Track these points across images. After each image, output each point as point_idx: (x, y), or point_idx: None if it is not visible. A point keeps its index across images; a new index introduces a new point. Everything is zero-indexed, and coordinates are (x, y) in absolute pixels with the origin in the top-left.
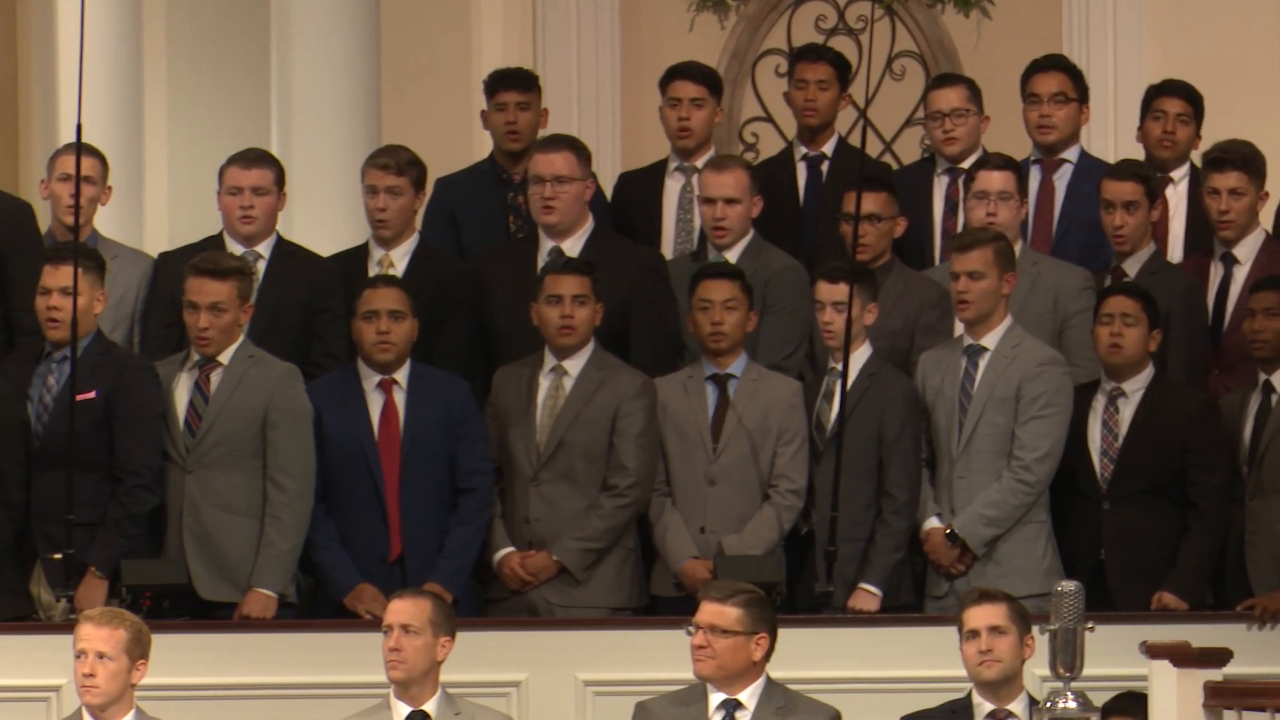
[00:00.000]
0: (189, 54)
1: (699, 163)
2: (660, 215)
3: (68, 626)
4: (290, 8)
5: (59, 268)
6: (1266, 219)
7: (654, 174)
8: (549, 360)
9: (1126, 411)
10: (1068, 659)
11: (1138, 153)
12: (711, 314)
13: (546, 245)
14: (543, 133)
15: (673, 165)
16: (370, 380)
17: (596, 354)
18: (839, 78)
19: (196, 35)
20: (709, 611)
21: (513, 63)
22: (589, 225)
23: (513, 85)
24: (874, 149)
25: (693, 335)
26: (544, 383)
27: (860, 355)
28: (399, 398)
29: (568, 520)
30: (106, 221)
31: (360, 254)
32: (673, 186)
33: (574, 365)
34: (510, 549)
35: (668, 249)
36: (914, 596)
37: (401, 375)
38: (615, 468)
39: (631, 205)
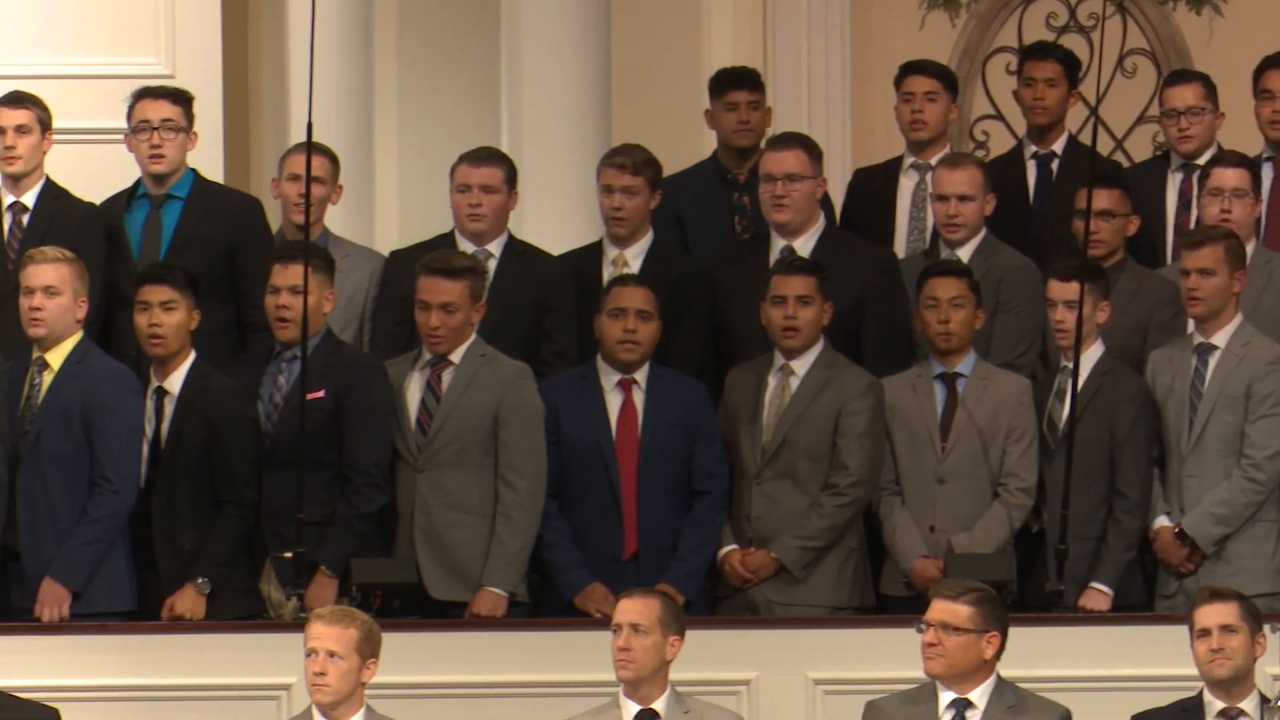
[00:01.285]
0: (420, 52)
1: (933, 160)
2: (894, 212)
3: (298, 625)
4: (521, 7)
5: (288, 266)
6: None
7: (888, 171)
8: (777, 360)
9: None
10: None
11: None
12: (939, 312)
13: (778, 244)
14: (768, 132)
15: (907, 163)
16: (610, 379)
17: (824, 353)
18: (1067, 75)
19: (427, 34)
20: (941, 609)
21: (743, 62)
22: (820, 224)
23: (744, 84)
24: (1105, 147)
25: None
26: (771, 382)
27: (1092, 354)
28: (638, 398)
29: (788, 519)
30: (337, 220)
31: (594, 253)
32: (906, 184)
33: (801, 365)
34: (732, 546)
35: (900, 247)
36: (1144, 595)
37: (641, 375)
38: (837, 467)
39: (866, 202)
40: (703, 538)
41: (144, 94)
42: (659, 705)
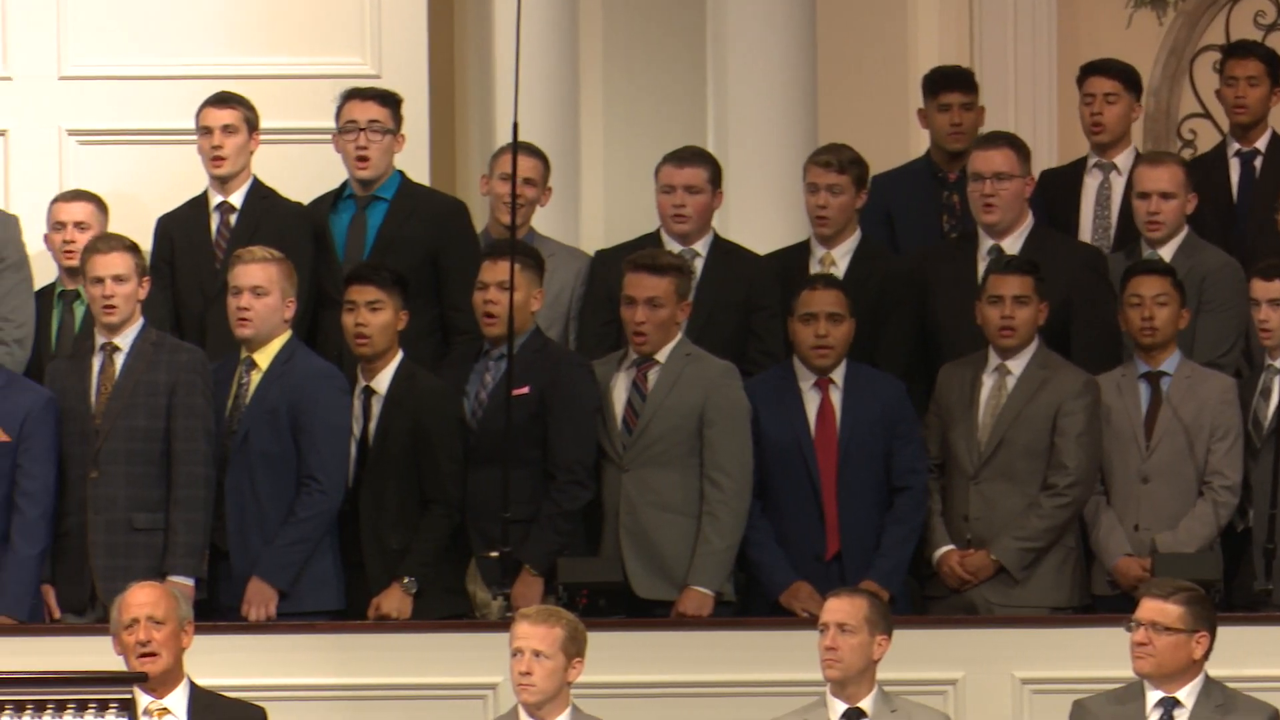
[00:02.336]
0: (625, 52)
1: (1117, 160)
2: (1078, 211)
3: (504, 625)
4: (727, 6)
5: (497, 263)
6: None
7: (1074, 171)
8: (993, 359)
9: None
10: None
11: None
12: (1143, 310)
13: (986, 243)
14: (980, 131)
15: (1091, 162)
16: (807, 379)
17: (1040, 352)
18: (1270, 74)
19: (633, 33)
20: (1150, 609)
21: (949, 60)
22: (1029, 223)
23: (958, 85)
24: None
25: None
26: (987, 381)
27: None
28: (835, 397)
29: (1006, 519)
30: (543, 219)
31: (801, 252)
32: (1090, 183)
33: (1016, 364)
34: (950, 547)
35: None
36: None
37: (838, 374)
38: (1055, 467)
39: (1052, 201)
40: (904, 534)
41: (353, 95)
42: (866, 704)
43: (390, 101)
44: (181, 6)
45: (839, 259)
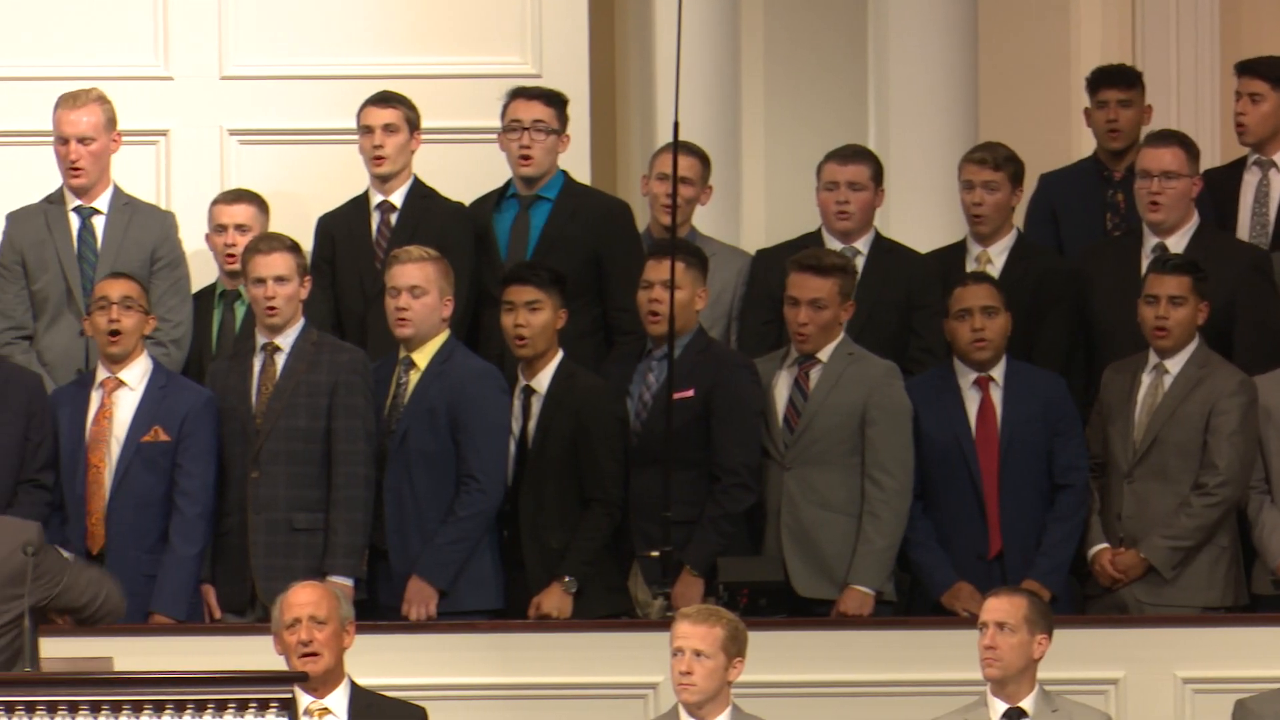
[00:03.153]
0: (786, 52)
1: (1276, 156)
2: (1236, 209)
3: (664, 624)
4: (888, 5)
5: (662, 261)
6: None
7: (1234, 169)
8: (1151, 358)
9: None
10: None
11: None
12: None
13: (1150, 242)
14: (1146, 129)
15: (1250, 159)
16: (966, 378)
17: (1199, 351)
18: None
19: (793, 32)
20: None
21: (1111, 59)
22: (1194, 222)
23: (1114, 82)
24: None
25: None
26: (1145, 380)
27: None
28: (995, 395)
29: (1157, 518)
30: (704, 218)
31: (957, 250)
32: (1249, 180)
33: (1175, 363)
34: (1103, 545)
35: None
36: None
37: (998, 372)
38: (1206, 466)
39: (1215, 201)
40: (1065, 532)
41: (518, 94)
42: (1026, 704)
43: (555, 101)
44: (343, 6)
45: (995, 257)
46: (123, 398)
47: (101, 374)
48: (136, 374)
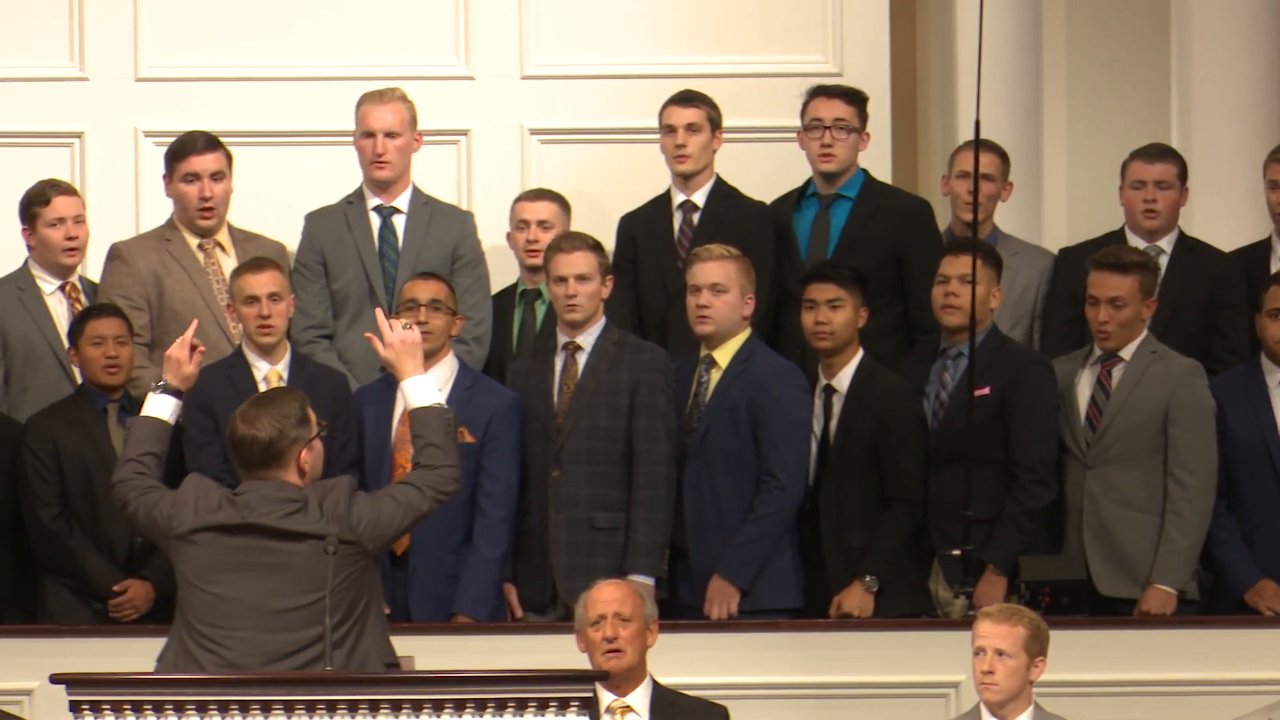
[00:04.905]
0: (1089, 49)
1: None
2: None
3: (966, 623)
4: (1191, 4)
5: (959, 257)
6: None
7: None
8: None
9: None
10: None
11: None
12: None
13: None
14: None
15: None
16: (1274, 376)
17: None
18: None
19: (1097, 30)
20: None
21: None
22: None
23: None
24: None
25: None
26: None
27: None
28: None
29: None
30: (1006, 218)
31: (1263, 249)
32: None
33: None
34: None
35: None
36: None
37: None
38: None
39: None
40: None
41: (818, 92)
42: None
43: (856, 100)
44: (644, 6)
45: None
46: None
47: None
48: (443, 374)
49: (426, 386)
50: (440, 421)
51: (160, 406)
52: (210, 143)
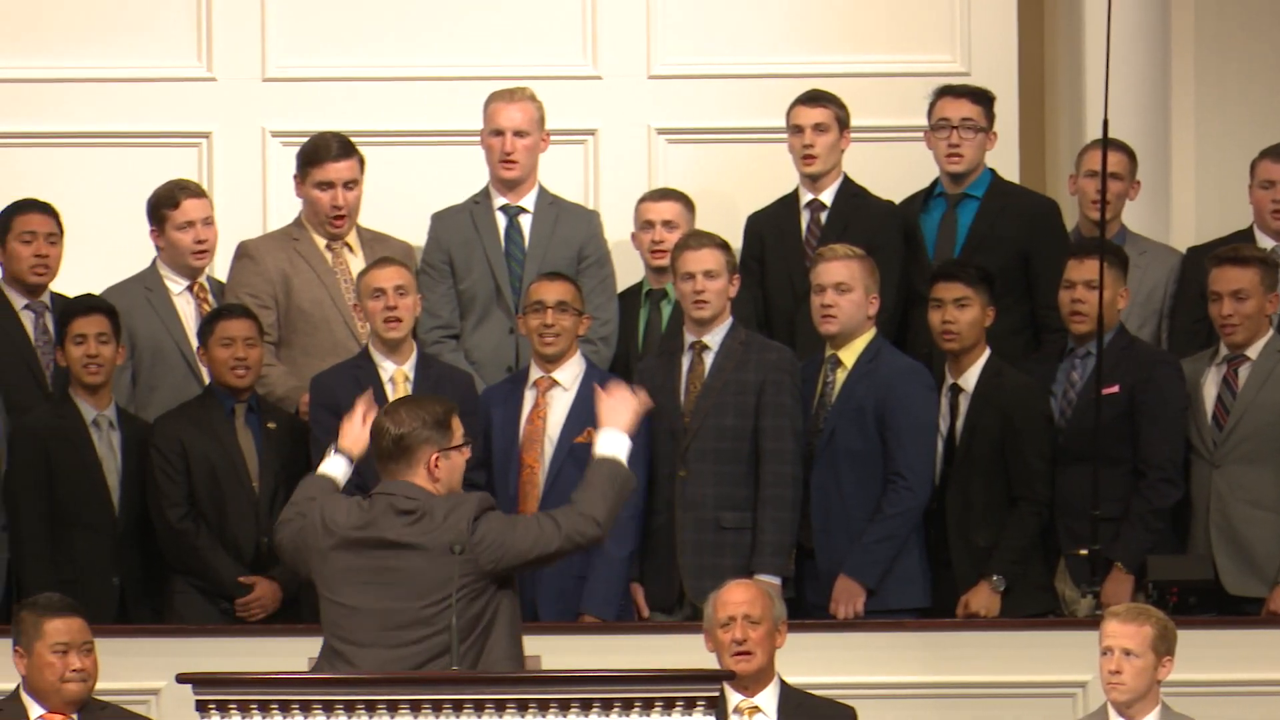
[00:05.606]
0: (1218, 44)
1: None
2: None
3: (1093, 623)
4: None
5: (1084, 261)
6: None
7: None
8: None
9: None
10: None
11: None
12: None
13: None
14: None
15: None
16: None
17: None
18: None
19: (1225, 26)
20: None
21: None
22: None
23: None
24: None
25: None
26: None
27: None
28: None
29: None
30: (1135, 217)
31: None
32: None
33: None
34: None
35: None
36: None
37: None
38: None
39: None
40: None
41: (945, 92)
42: None
43: (983, 99)
44: (771, 5)
45: None
46: (556, 398)
47: (535, 373)
48: (570, 374)
49: (622, 443)
50: (615, 474)
51: (334, 466)
52: (344, 149)
